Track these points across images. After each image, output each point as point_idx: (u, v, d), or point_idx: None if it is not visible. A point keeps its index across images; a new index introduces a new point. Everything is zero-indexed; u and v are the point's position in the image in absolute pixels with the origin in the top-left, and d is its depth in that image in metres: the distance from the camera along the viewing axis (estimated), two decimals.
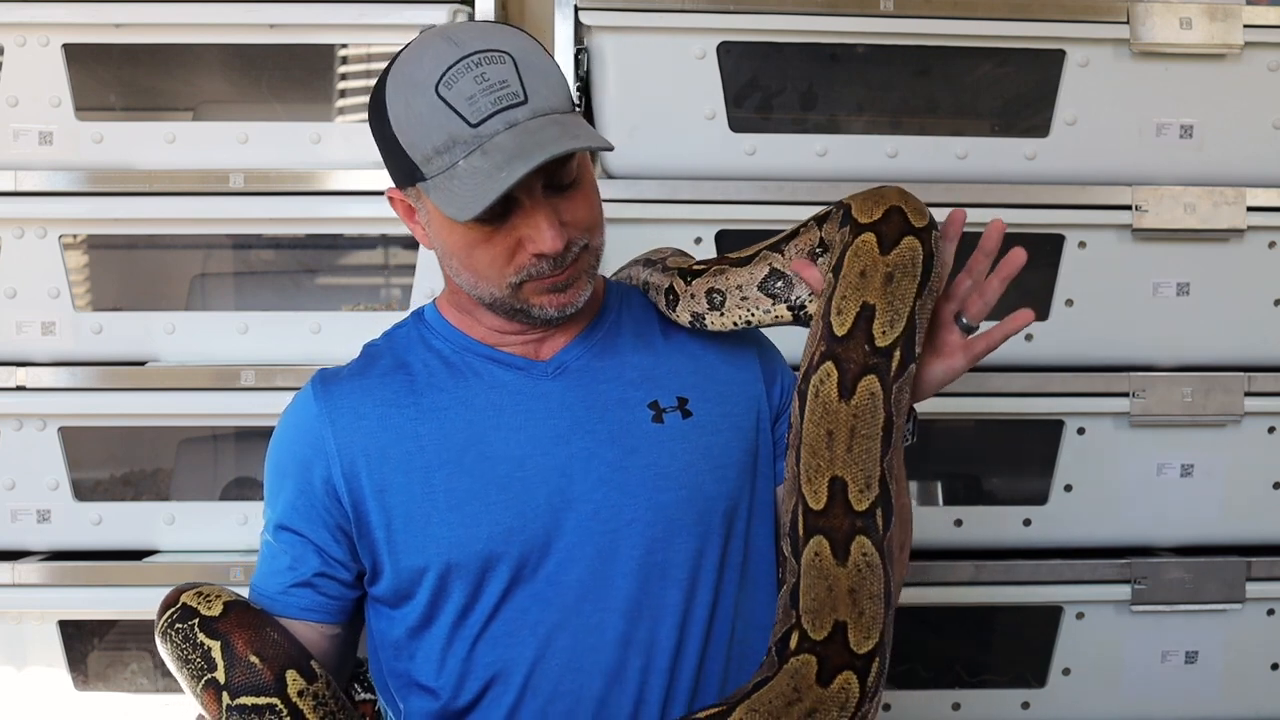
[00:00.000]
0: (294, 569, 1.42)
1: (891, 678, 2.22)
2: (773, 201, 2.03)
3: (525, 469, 1.37)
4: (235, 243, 2.33)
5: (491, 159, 1.26)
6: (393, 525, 1.38)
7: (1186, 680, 2.11)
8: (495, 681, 1.37)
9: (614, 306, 1.50)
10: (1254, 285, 2.12)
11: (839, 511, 1.23)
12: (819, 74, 2.21)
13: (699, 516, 1.38)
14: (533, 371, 1.42)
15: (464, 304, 1.44)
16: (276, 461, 1.45)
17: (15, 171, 2.02)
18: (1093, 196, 2.07)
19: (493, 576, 1.36)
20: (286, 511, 1.42)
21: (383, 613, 1.43)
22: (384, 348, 1.48)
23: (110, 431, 2.13)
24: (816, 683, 1.21)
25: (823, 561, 1.23)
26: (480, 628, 1.37)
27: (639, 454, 1.39)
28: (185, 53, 2.20)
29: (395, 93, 1.32)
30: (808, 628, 1.22)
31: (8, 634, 2.01)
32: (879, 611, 1.23)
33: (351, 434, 1.39)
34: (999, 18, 2.06)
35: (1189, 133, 2.11)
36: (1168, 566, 2.08)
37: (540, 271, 1.33)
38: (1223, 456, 2.11)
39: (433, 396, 1.41)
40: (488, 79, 1.28)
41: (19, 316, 2.05)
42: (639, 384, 1.43)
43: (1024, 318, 1.32)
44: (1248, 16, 2.07)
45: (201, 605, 1.40)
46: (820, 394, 1.25)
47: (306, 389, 1.45)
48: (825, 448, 1.24)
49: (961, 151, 2.09)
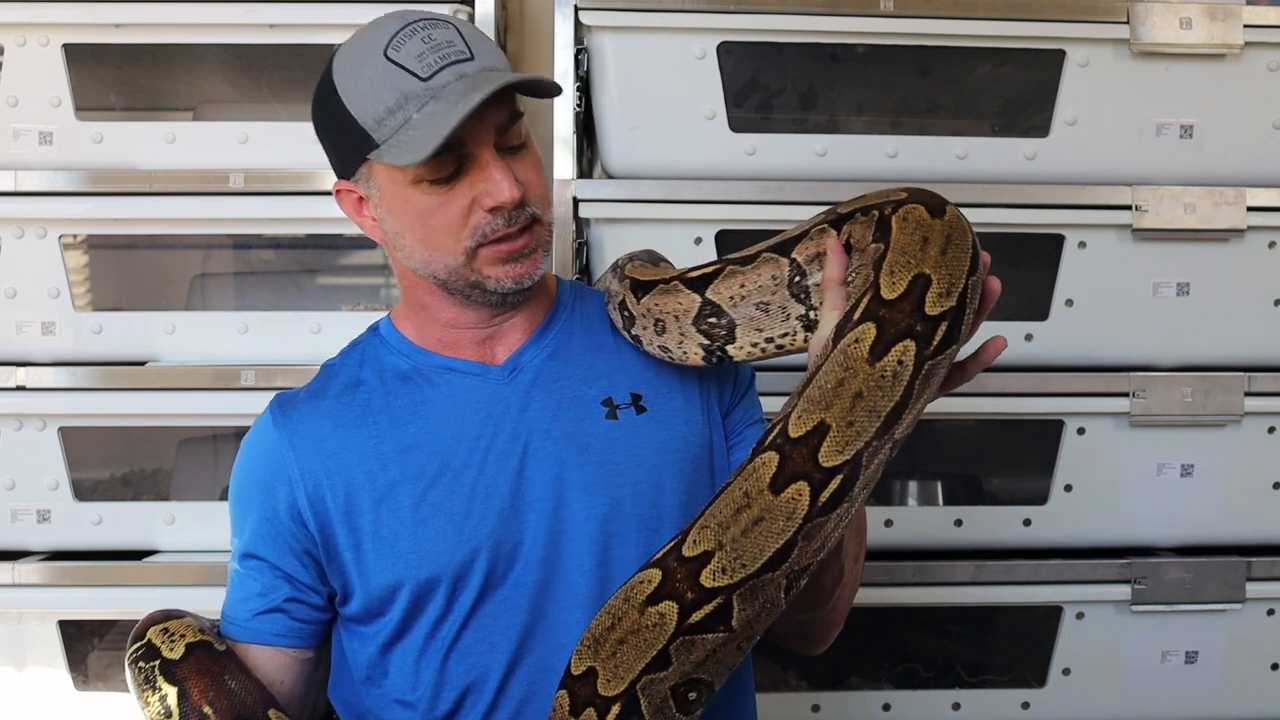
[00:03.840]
0: (264, 595, 1.42)
1: (891, 678, 2.22)
2: (773, 201, 2.03)
3: (486, 475, 1.38)
4: (235, 243, 2.33)
5: (445, 102, 1.27)
6: (361, 546, 1.38)
7: (1186, 680, 2.11)
8: (471, 689, 1.38)
9: (567, 304, 1.50)
10: (1254, 285, 2.12)
11: (805, 454, 1.17)
12: (819, 74, 2.21)
13: (655, 511, 1.40)
14: (488, 377, 1.43)
15: (417, 306, 1.44)
16: (240, 489, 1.45)
17: (15, 171, 2.02)
18: (1093, 196, 2.07)
19: (464, 587, 1.37)
20: (252, 540, 1.42)
21: (355, 632, 1.43)
22: (340, 366, 1.48)
23: (110, 431, 2.13)
24: (769, 488, 1.18)
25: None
26: (453, 638, 1.38)
27: (593, 451, 1.40)
28: (185, 53, 2.20)
29: (342, 68, 1.34)
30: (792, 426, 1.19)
31: (8, 634, 2.01)
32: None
33: (313, 458, 1.40)
34: (999, 18, 2.06)
35: (1189, 133, 2.11)
36: (1168, 566, 2.08)
37: (495, 229, 1.33)
38: (1223, 456, 2.11)
39: (391, 413, 1.41)
40: (434, 39, 1.30)
41: (19, 316, 2.05)
42: (592, 381, 1.44)
43: (998, 346, 1.28)
44: (1248, 16, 2.07)
45: (165, 645, 1.39)
46: (850, 350, 1.18)
47: (265, 415, 1.45)
48: (830, 392, 1.18)
49: (961, 151, 2.09)
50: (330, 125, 1.36)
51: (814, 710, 2.08)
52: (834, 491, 1.17)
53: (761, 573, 1.17)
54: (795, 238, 1.37)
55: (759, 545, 1.17)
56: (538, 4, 2.50)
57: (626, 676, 1.18)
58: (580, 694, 1.20)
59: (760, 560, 1.17)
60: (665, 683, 1.19)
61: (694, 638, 1.18)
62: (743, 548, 1.17)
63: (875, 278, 1.21)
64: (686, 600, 1.17)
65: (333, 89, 1.34)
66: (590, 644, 1.22)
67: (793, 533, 1.16)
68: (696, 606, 1.17)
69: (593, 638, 1.22)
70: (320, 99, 1.37)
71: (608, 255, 2.02)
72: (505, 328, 1.45)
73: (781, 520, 1.17)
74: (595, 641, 1.21)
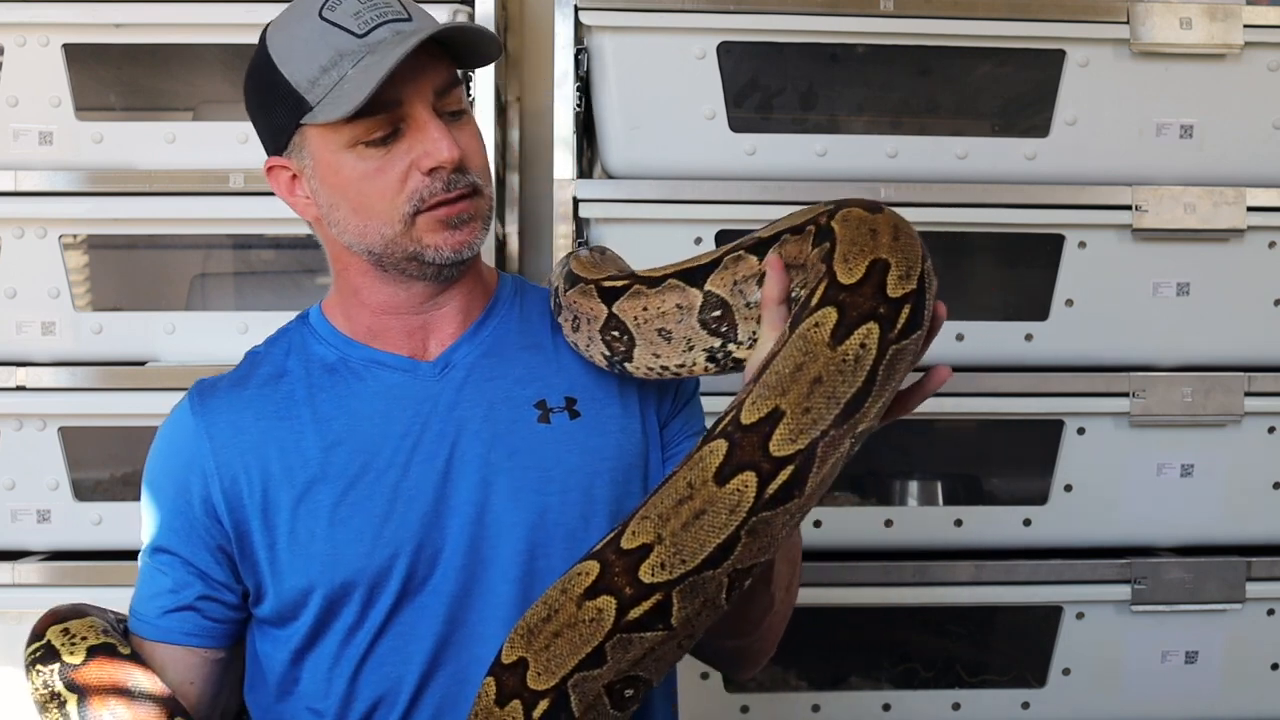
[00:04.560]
0: (175, 592, 1.35)
1: (891, 678, 2.22)
2: (773, 201, 2.02)
3: (410, 476, 1.32)
4: (235, 243, 2.33)
5: (380, 55, 1.24)
6: (276, 544, 1.32)
7: (1186, 680, 2.11)
8: (383, 701, 1.32)
9: (505, 300, 1.44)
10: (1254, 285, 2.12)
11: (755, 442, 1.10)
12: (819, 74, 2.21)
13: (584, 520, 1.34)
14: (417, 373, 1.37)
15: (348, 291, 1.39)
16: (152, 480, 1.38)
17: (15, 171, 2.02)
18: (1093, 196, 2.07)
19: (380, 593, 1.31)
20: (164, 533, 1.36)
21: (268, 634, 1.37)
22: (264, 354, 1.42)
23: (110, 431, 2.13)
24: (713, 479, 1.11)
25: None
26: (367, 646, 1.32)
27: (522, 455, 1.34)
28: (185, 53, 2.20)
29: (276, 33, 1.31)
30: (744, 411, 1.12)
31: (8, 634, 2.00)
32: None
33: (231, 450, 1.33)
34: (999, 18, 2.06)
35: (1189, 133, 2.11)
36: (1168, 566, 2.07)
37: (434, 193, 1.28)
38: (1223, 456, 2.11)
39: (315, 406, 1.35)
40: (371, 0, 1.28)
41: (19, 316, 2.05)
42: (526, 383, 1.38)
43: (940, 376, 1.21)
44: (1248, 16, 2.07)
45: (64, 648, 1.30)
46: (810, 335, 1.12)
47: (183, 402, 1.39)
48: (787, 378, 1.11)
49: (961, 151, 2.09)
50: (262, 95, 1.32)
51: (814, 710, 2.08)
52: (783, 483, 1.10)
53: (702, 569, 1.11)
54: (706, 265, 1.31)
55: (699, 540, 1.11)
56: (538, 4, 2.50)
57: (558, 672, 1.14)
58: (508, 684, 1.15)
59: (700, 556, 1.11)
60: (599, 680, 1.15)
61: (631, 635, 1.13)
62: (683, 542, 1.11)
63: (828, 268, 1.15)
64: (625, 595, 1.12)
65: (266, 56, 1.30)
66: (524, 634, 1.17)
67: (735, 527, 1.10)
68: (635, 602, 1.12)
69: (527, 627, 1.17)
70: (253, 69, 1.33)
71: None
72: (438, 317, 1.38)
73: (725, 513, 1.10)
74: (529, 632, 1.16)
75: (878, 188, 2.03)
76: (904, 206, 1.99)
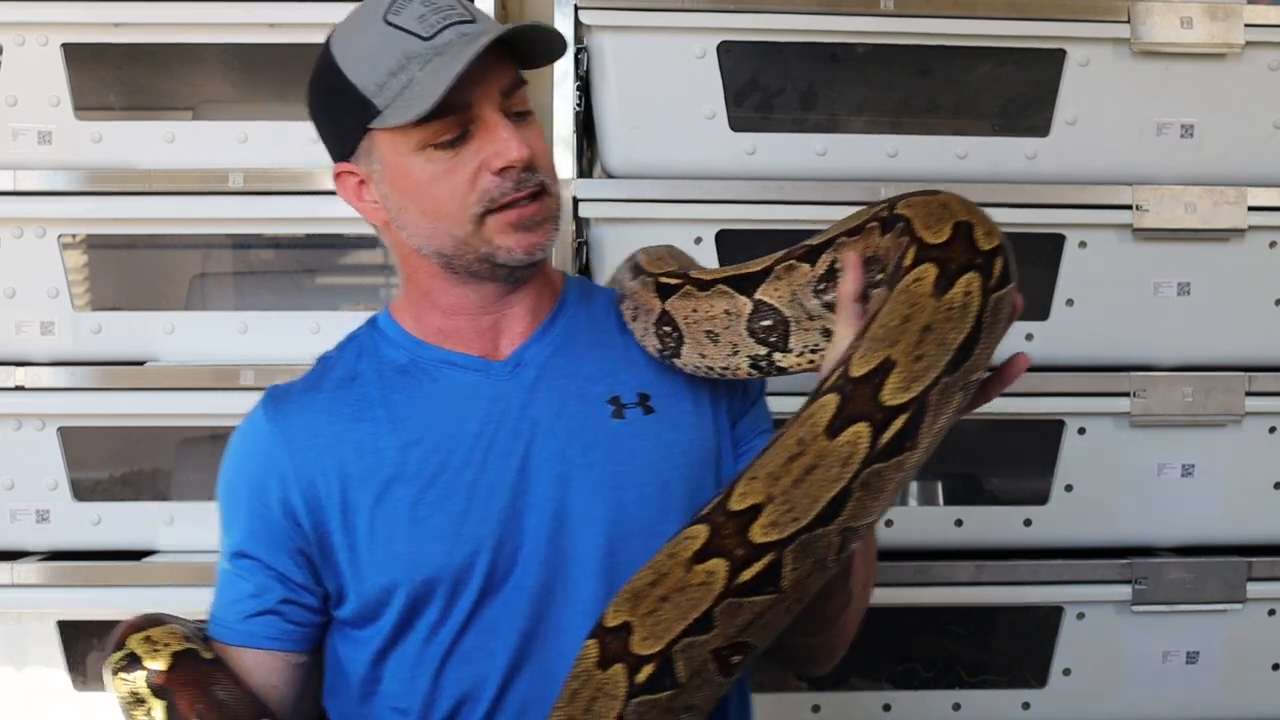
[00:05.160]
0: (257, 596, 1.36)
1: (891, 678, 2.22)
2: (773, 201, 2.02)
3: (487, 474, 1.33)
4: (235, 242, 2.33)
5: (449, 56, 1.24)
6: (356, 545, 1.33)
7: (1187, 681, 2.11)
8: (468, 698, 1.33)
9: (572, 300, 1.46)
10: (1255, 285, 2.12)
11: (867, 394, 1.10)
12: (819, 74, 2.21)
13: (660, 514, 1.34)
14: (489, 372, 1.38)
15: (418, 294, 1.40)
16: (230, 486, 1.40)
17: (14, 171, 2.02)
18: (1093, 196, 2.07)
19: (462, 590, 1.32)
20: (244, 538, 1.37)
21: (349, 635, 1.38)
22: (337, 359, 1.43)
23: (109, 431, 2.13)
24: (825, 433, 1.10)
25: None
26: (450, 644, 1.33)
27: (598, 450, 1.35)
28: (185, 52, 2.20)
29: (341, 39, 1.32)
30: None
31: (7, 634, 2.00)
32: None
33: (308, 453, 1.35)
34: (999, 17, 2.05)
35: (1189, 132, 2.10)
36: (1168, 566, 2.07)
37: (504, 193, 1.29)
38: (1223, 456, 2.10)
39: (389, 407, 1.36)
40: (435, 3, 1.28)
41: (18, 316, 2.05)
42: (598, 379, 1.39)
43: (1021, 364, 1.22)
44: (1248, 16, 2.07)
45: (147, 655, 1.32)
46: (913, 289, 1.12)
47: (257, 409, 1.40)
48: (895, 330, 1.10)
49: (962, 151, 2.09)
50: (328, 101, 1.33)
51: (814, 710, 2.08)
52: (896, 433, 1.08)
53: (814, 526, 1.10)
54: (756, 274, 1.32)
55: (812, 495, 1.10)
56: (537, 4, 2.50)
57: (664, 637, 1.12)
58: (611, 647, 1.15)
59: (813, 512, 1.09)
60: (706, 646, 1.13)
61: (741, 600, 1.12)
62: (794, 499, 1.10)
63: (912, 237, 1.16)
64: (736, 557, 1.11)
65: (331, 62, 1.31)
66: (629, 597, 1.16)
67: (848, 480, 1.09)
68: (746, 564, 1.10)
69: (632, 591, 1.16)
70: (317, 75, 1.34)
71: (608, 255, 2.01)
72: (508, 317, 1.39)
73: (837, 467, 1.09)
74: (635, 596, 1.15)
75: (878, 188, 2.02)
76: None
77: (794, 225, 2.01)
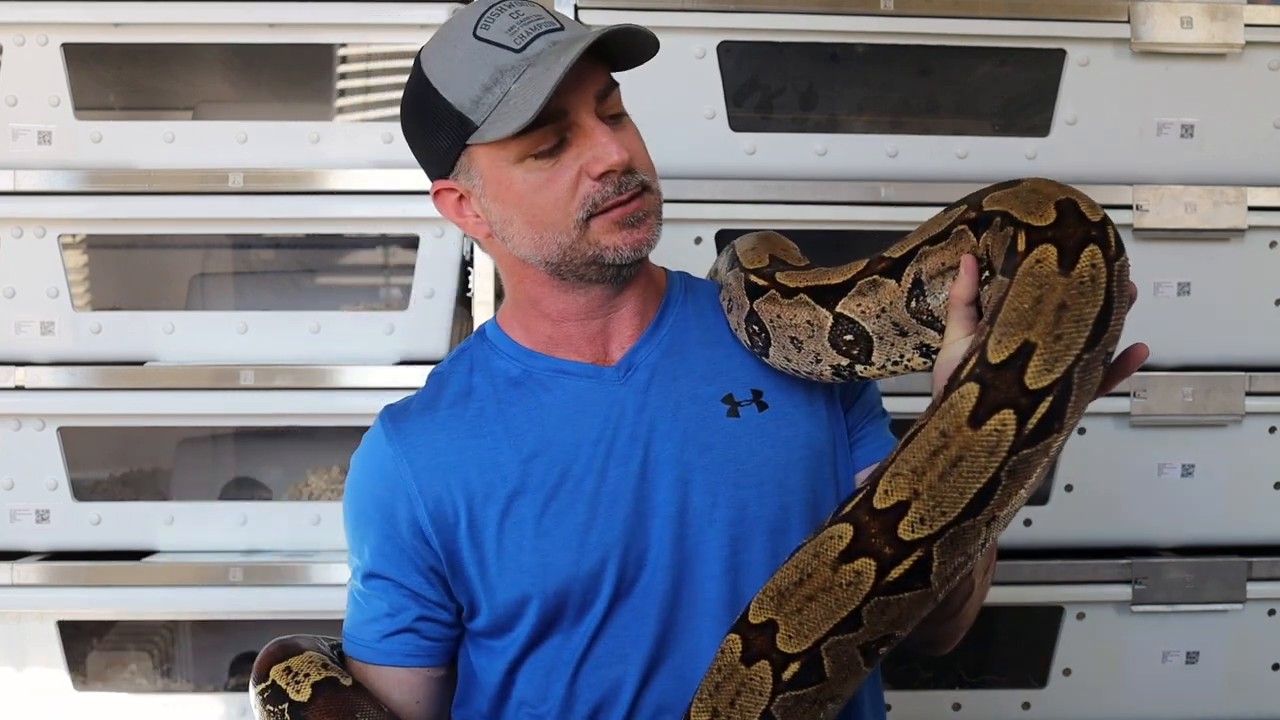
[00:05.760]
0: (393, 616, 1.37)
1: (891, 678, 2.22)
2: (773, 201, 2.03)
3: (608, 481, 1.33)
4: (235, 242, 2.33)
5: (542, 67, 1.24)
6: (485, 560, 1.33)
7: (1187, 681, 2.11)
8: (605, 702, 1.34)
9: (678, 298, 1.45)
10: (1255, 285, 2.12)
11: (1009, 379, 1.07)
12: (819, 74, 2.21)
13: (782, 510, 1.34)
14: (602, 378, 1.37)
15: (525, 303, 1.40)
16: (358, 508, 1.40)
17: (14, 171, 2.02)
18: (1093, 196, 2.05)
19: (594, 596, 1.32)
20: (375, 559, 1.38)
21: (483, 646, 1.39)
22: (449, 373, 1.43)
23: (109, 431, 2.13)
24: (968, 423, 1.08)
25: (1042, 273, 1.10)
26: (584, 650, 1.33)
27: (716, 450, 1.34)
28: (185, 52, 2.20)
29: (432, 58, 1.32)
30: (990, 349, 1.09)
31: (7, 634, 2.00)
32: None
33: (431, 472, 1.35)
34: (999, 17, 2.05)
35: (1190, 132, 2.10)
36: (1168, 567, 2.07)
37: (605, 197, 1.29)
38: (1223, 456, 2.10)
39: (506, 421, 1.36)
40: (522, 14, 1.29)
41: (18, 316, 2.05)
42: (711, 378, 1.38)
43: (1141, 353, 1.20)
44: (1248, 16, 2.07)
45: (290, 687, 1.34)
46: (1036, 270, 1.10)
47: (377, 429, 1.40)
48: (1029, 313, 1.08)
49: (962, 151, 2.09)
50: (424, 121, 1.33)
51: None
52: (1043, 416, 1.06)
53: (963, 519, 1.08)
54: (838, 286, 1.31)
55: (959, 488, 1.07)
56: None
57: (811, 636, 1.12)
58: (756, 643, 1.15)
59: (961, 504, 1.08)
60: (854, 642, 1.13)
61: (889, 598, 1.11)
62: (941, 493, 1.08)
63: (1016, 225, 1.15)
64: (884, 556, 1.09)
65: (424, 81, 1.31)
66: (774, 595, 1.15)
67: (995, 468, 1.07)
68: (895, 562, 1.09)
69: (777, 589, 1.15)
70: (411, 96, 1.34)
71: None
72: (616, 320, 1.39)
73: (984, 456, 1.07)
74: (780, 594, 1.15)
75: (878, 187, 2.02)
76: (904, 206, 2.01)
77: (794, 225, 2.01)
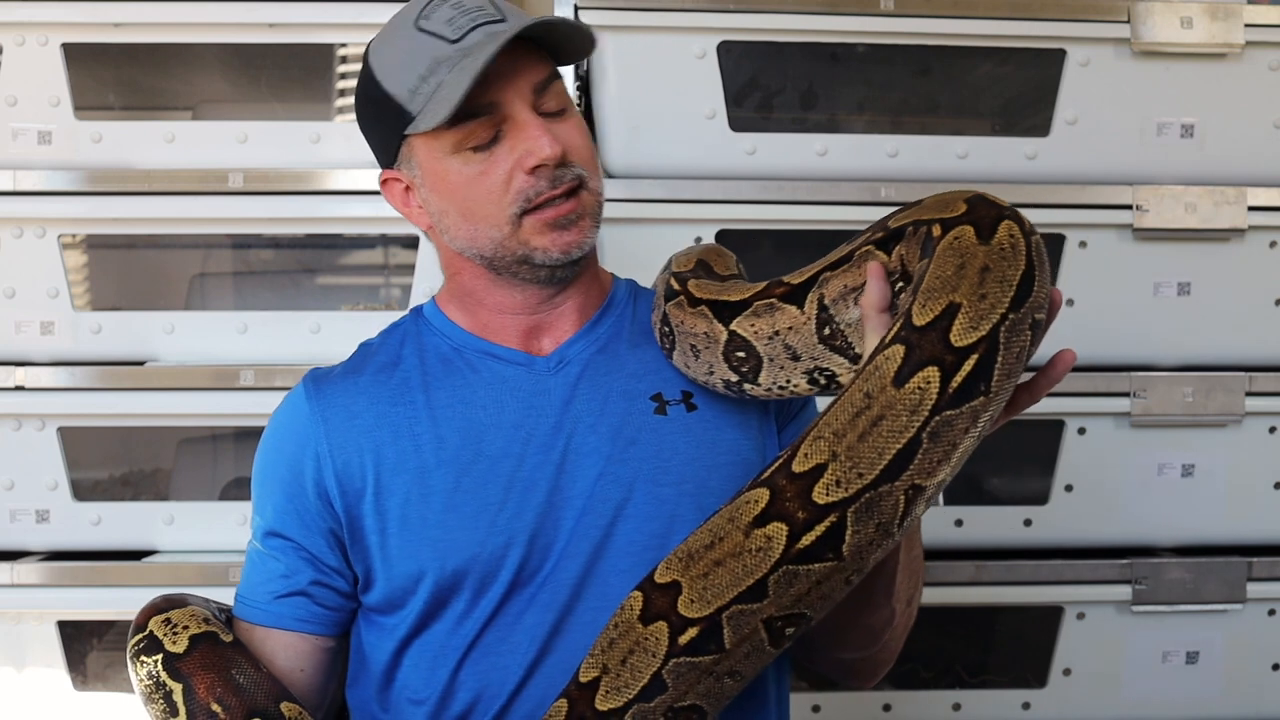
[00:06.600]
0: (287, 577, 1.36)
1: (891, 677, 2.22)
2: (773, 201, 2.02)
3: (525, 467, 1.32)
4: (235, 242, 2.33)
5: (474, 57, 1.25)
6: (387, 529, 1.33)
7: (1187, 681, 2.11)
8: (485, 693, 1.32)
9: (620, 302, 1.45)
10: (1255, 285, 2.12)
11: (934, 337, 1.06)
12: (819, 73, 2.21)
13: (699, 511, 1.32)
14: (533, 367, 1.38)
15: (462, 293, 1.40)
16: (265, 464, 1.40)
17: (14, 171, 2.02)
18: (1093, 196, 2.07)
19: (491, 582, 1.31)
20: (277, 517, 1.37)
21: (374, 622, 1.38)
22: (379, 345, 1.44)
23: (109, 431, 2.13)
24: (892, 382, 1.06)
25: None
26: (474, 636, 1.32)
27: (638, 446, 1.34)
28: (184, 52, 2.20)
29: (377, 49, 1.33)
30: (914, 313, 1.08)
31: (7, 634, 2.00)
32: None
33: (345, 434, 1.34)
34: (999, 17, 2.06)
35: (1190, 132, 2.10)
36: (1168, 566, 2.07)
37: (539, 192, 1.29)
38: (1223, 456, 2.10)
39: (429, 395, 1.36)
40: (463, 5, 1.29)
41: (18, 316, 2.05)
42: (642, 376, 1.38)
43: (1067, 359, 1.22)
44: (1249, 16, 2.07)
45: (167, 638, 1.31)
46: (955, 243, 1.10)
47: (298, 389, 1.40)
48: (952, 278, 1.08)
49: (962, 151, 2.09)
50: (369, 110, 1.34)
51: (814, 710, 2.08)
52: (968, 374, 1.05)
53: (879, 482, 1.06)
54: (735, 304, 1.30)
55: (877, 448, 1.05)
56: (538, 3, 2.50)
57: (714, 602, 1.10)
58: (657, 604, 1.13)
59: (878, 466, 1.05)
60: (757, 615, 1.11)
61: (799, 568, 1.08)
62: (859, 454, 1.06)
63: (929, 221, 1.16)
64: (797, 520, 1.07)
65: (369, 73, 1.33)
66: (683, 557, 1.13)
67: (916, 428, 1.05)
68: (808, 527, 1.07)
69: (687, 552, 1.14)
70: (359, 87, 1.35)
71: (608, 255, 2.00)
72: (554, 317, 1.39)
73: (905, 415, 1.05)
74: (688, 556, 1.13)
75: (878, 187, 2.02)
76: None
77: (794, 225, 2.01)
